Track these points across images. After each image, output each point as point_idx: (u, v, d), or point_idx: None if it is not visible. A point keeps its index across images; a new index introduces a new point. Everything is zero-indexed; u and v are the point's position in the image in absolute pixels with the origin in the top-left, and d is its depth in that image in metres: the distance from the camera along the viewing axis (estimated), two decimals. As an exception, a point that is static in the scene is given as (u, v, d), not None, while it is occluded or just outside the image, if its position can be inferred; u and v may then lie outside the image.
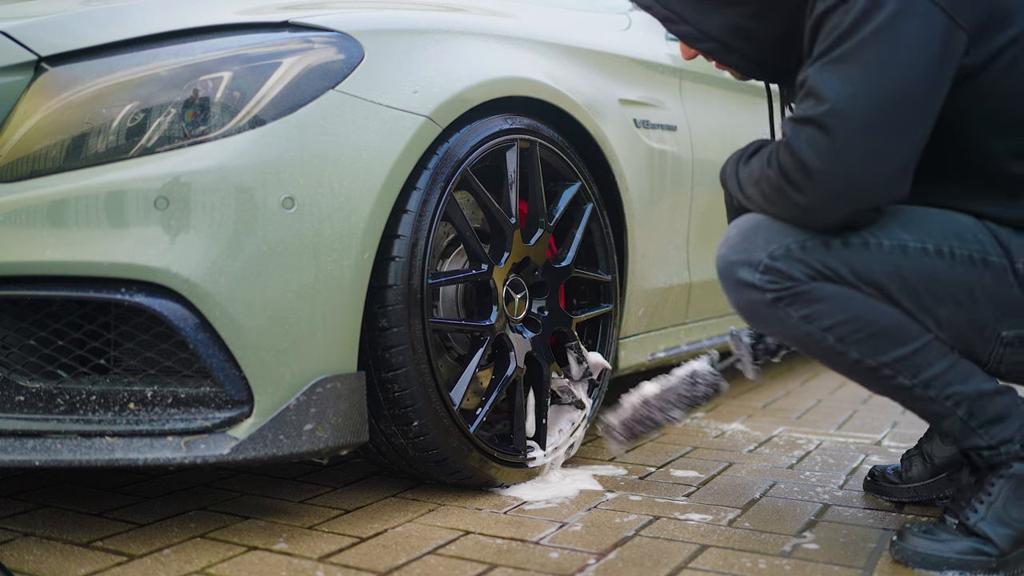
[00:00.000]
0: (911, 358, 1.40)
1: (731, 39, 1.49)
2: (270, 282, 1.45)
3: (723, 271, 1.46)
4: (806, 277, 1.39)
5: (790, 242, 1.39)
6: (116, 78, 1.47)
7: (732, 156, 1.55)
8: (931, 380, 1.41)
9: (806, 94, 1.33)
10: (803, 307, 1.40)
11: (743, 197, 1.48)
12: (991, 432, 1.43)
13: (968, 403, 1.42)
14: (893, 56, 1.28)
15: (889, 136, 1.29)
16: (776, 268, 1.40)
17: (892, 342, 1.40)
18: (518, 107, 1.87)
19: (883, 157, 1.30)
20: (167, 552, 1.48)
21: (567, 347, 2.01)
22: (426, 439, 1.67)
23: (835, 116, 1.28)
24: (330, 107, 1.52)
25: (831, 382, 3.25)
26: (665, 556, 1.49)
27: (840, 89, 1.28)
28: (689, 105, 2.47)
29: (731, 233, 1.46)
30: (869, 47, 1.28)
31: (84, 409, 1.44)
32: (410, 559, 1.46)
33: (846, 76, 1.29)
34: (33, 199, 1.40)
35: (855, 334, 1.40)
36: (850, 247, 1.39)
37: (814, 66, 1.32)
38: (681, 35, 1.53)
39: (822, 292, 1.39)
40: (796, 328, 1.42)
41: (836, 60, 1.30)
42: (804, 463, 2.11)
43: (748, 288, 1.42)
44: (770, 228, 1.42)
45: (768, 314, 1.43)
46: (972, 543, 1.43)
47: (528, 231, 1.90)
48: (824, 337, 1.41)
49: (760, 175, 1.41)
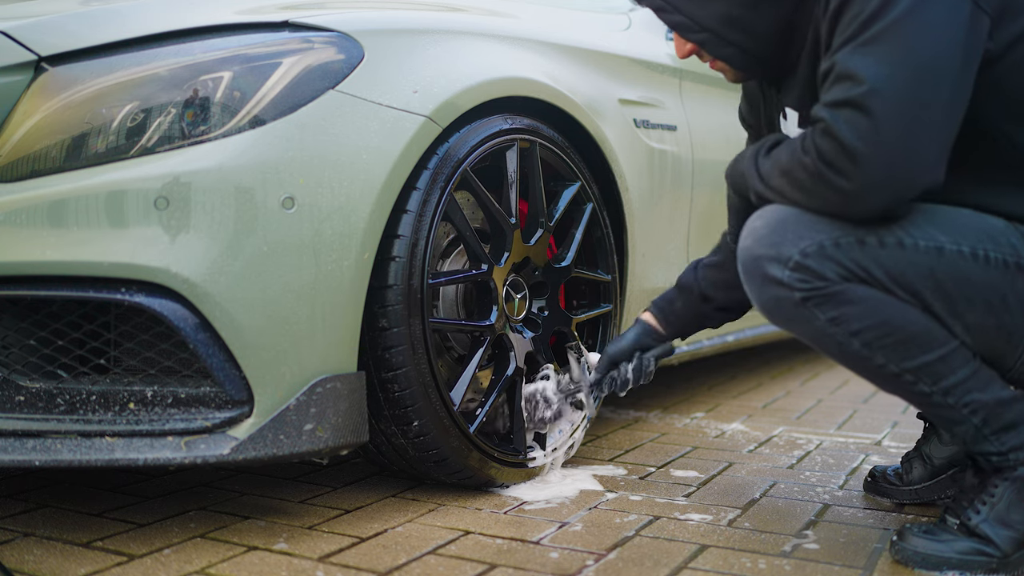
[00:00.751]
0: (935, 365, 1.37)
1: (726, 30, 1.46)
2: (270, 282, 1.45)
3: (748, 265, 1.40)
4: (838, 278, 1.34)
5: (823, 239, 1.34)
6: (116, 78, 1.47)
7: (745, 152, 1.51)
8: (951, 388, 1.39)
9: (837, 78, 1.29)
10: (832, 309, 1.35)
11: (767, 190, 1.41)
12: (1003, 439, 1.41)
13: (985, 411, 1.40)
14: (924, 36, 1.26)
15: (927, 116, 1.26)
16: (808, 266, 1.34)
17: (919, 348, 1.36)
18: (518, 107, 1.87)
19: (923, 138, 1.27)
20: (167, 552, 1.48)
21: (567, 347, 2.01)
22: (426, 439, 1.67)
23: (875, 96, 1.25)
24: (330, 107, 1.52)
25: (831, 382, 3.25)
26: (665, 556, 1.49)
27: (877, 69, 1.25)
28: (689, 105, 2.47)
29: (756, 224, 1.40)
30: (900, 28, 1.26)
31: (84, 409, 1.44)
32: (410, 559, 1.46)
33: (880, 57, 1.26)
34: (33, 199, 1.40)
35: (882, 339, 1.36)
36: (885, 247, 1.35)
37: (843, 51, 1.29)
38: (675, 25, 1.50)
39: (854, 295, 1.35)
40: (821, 330, 1.37)
41: (867, 42, 1.27)
42: (804, 463, 2.11)
43: (776, 285, 1.37)
44: (800, 222, 1.36)
45: (794, 314, 1.38)
46: (973, 544, 1.42)
47: (528, 231, 1.90)
48: (850, 341, 1.37)
49: (792, 164, 1.35)
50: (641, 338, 1.80)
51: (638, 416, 2.61)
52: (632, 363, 1.78)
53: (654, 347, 1.80)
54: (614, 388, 1.79)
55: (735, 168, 1.53)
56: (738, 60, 1.51)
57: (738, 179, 1.52)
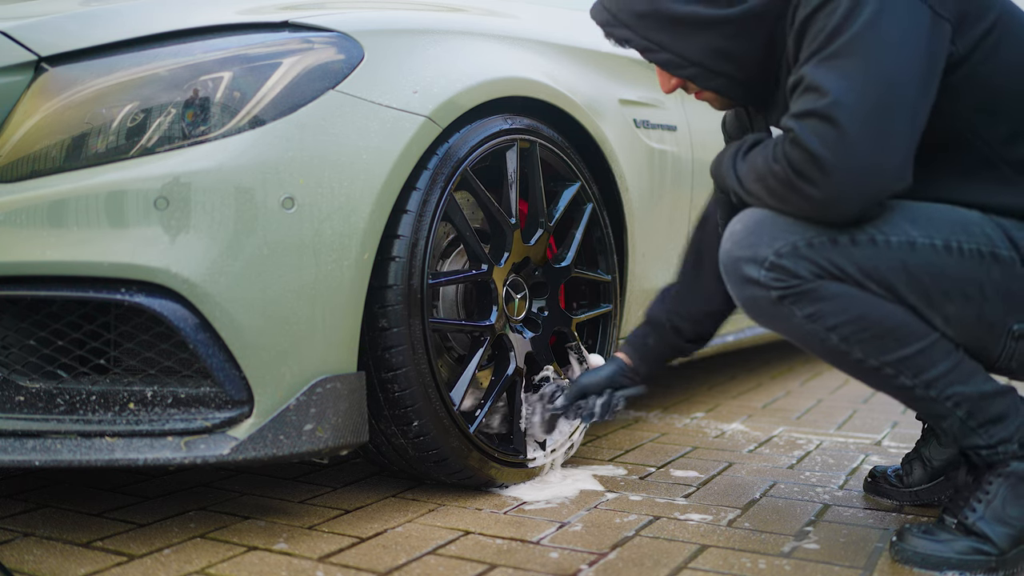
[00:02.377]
0: (915, 358, 1.40)
1: (714, 62, 1.48)
2: (270, 282, 1.45)
3: (728, 267, 1.45)
4: (812, 275, 1.38)
5: (797, 239, 1.38)
6: (116, 78, 1.47)
7: (726, 150, 1.53)
8: (933, 380, 1.41)
9: (804, 89, 1.33)
10: (808, 306, 1.39)
11: (744, 193, 1.45)
12: (990, 432, 1.43)
13: (968, 404, 1.42)
14: (884, 48, 1.30)
15: (891, 124, 1.30)
16: (782, 266, 1.39)
17: (897, 342, 1.39)
18: (518, 107, 1.87)
19: (888, 145, 1.30)
20: (167, 552, 1.48)
21: (567, 347, 2.01)
22: (426, 439, 1.67)
23: (838, 107, 1.28)
24: (330, 107, 1.52)
25: (831, 382, 3.25)
26: (665, 556, 1.49)
27: (839, 82, 1.29)
28: (689, 105, 2.47)
29: (735, 228, 1.44)
30: (860, 41, 1.30)
31: (84, 409, 1.44)
32: (410, 559, 1.46)
33: (842, 70, 1.30)
34: (33, 199, 1.40)
35: (859, 334, 1.39)
36: (857, 244, 1.38)
37: (808, 65, 1.33)
38: (662, 63, 1.51)
39: (827, 291, 1.38)
40: (800, 327, 1.41)
41: (830, 56, 1.31)
42: (804, 463, 2.11)
43: (753, 285, 1.41)
44: (776, 224, 1.40)
45: (772, 312, 1.42)
46: (971, 543, 1.43)
47: (528, 231, 1.90)
48: (828, 336, 1.40)
49: (765, 171, 1.39)
50: (616, 376, 1.81)
51: (638, 416, 2.61)
52: (602, 398, 1.79)
53: (628, 386, 1.81)
54: (579, 416, 1.80)
55: (719, 165, 1.55)
56: (728, 90, 1.54)
57: (720, 178, 1.55)
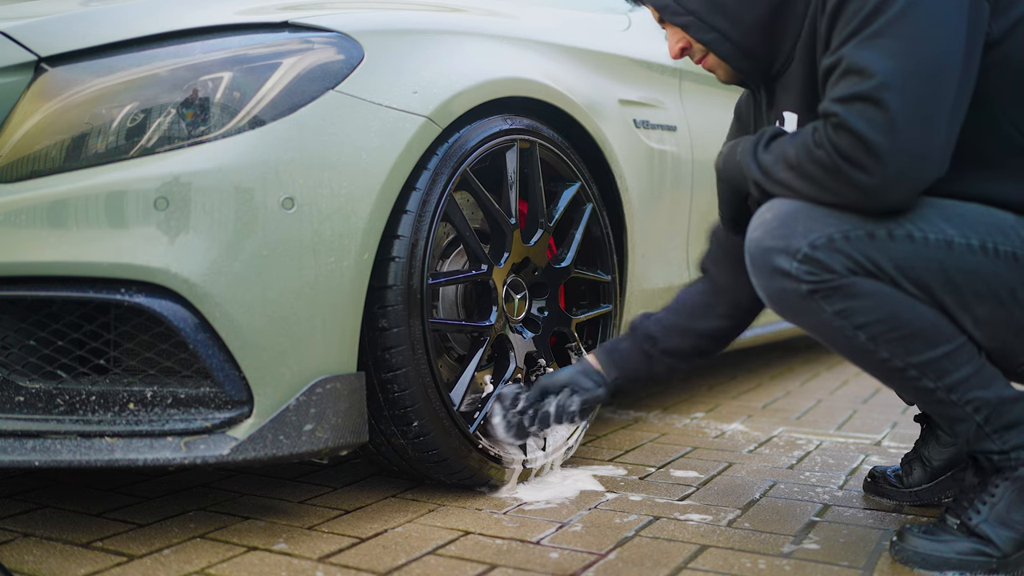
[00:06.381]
0: (941, 361, 1.37)
1: (710, 15, 1.47)
2: (270, 282, 1.45)
3: (756, 256, 1.40)
4: (846, 271, 1.34)
5: (833, 231, 1.34)
6: (116, 78, 1.47)
7: (742, 143, 1.49)
8: (956, 384, 1.38)
9: (845, 72, 1.29)
10: (839, 302, 1.35)
11: (770, 183, 1.40)
12: (1004, 437, 1.41)
13: (988, 409, 1.40)
14: (928, 28, 1.27)
15: (937, 106, 1.27)
16: (816, 258, 1.34)
17: (925, 344, 1.36)
18: (518, 107, 1.87)
19: (936, 129, 1.27)
20: (167, 552, 1.48)
21: (567, 348, 2.01)
22: (426, 439, 1.67)
23: (887, 89, 1.25)
24: (330, 107, 1.52)
25: (831, 382, 3.25)
26: (665, 556, 1.49)
27: (885, 63, 1.26)
28: (689, 105, 2.47)
29: (767, 216, 1.39)
30: (903, 21, 1.27)
31: (84, 409, 1.44)
32: (410, 559, 1.46)
33: (887, 50, 1.26)
34: (33, 199, 1.40)
35: (889, 334, 1.36)
36: (895, 240, 1.34)
37: (848, 46, 1.30)
38: (661, 7, 1.51)
39: (861, 288, 1.35)
40: (827, 323, 1.37)
41: (872, 36, 1.28)
42: (804, 463, 2.11)
43: (783, 277, 1.37)
44: (811, 214, 1.36)
45: (800, 306, 1.38)
46: (973, 544, 1.42)
47: (528, 231, 1.90)
48: (856, 334, 1.37)
49: (803, 158, 1.34)
50: (576, 376, 1.74)
51: (638, 416, 2.61)
52: (558, 397, 1.72)
53: (590, 389, 1.73)
54: (534, 423, 1.72)
55: (729, 159, 1.53)
56: (721, 48, 1.51)
57: (732, 170, 1.51)
